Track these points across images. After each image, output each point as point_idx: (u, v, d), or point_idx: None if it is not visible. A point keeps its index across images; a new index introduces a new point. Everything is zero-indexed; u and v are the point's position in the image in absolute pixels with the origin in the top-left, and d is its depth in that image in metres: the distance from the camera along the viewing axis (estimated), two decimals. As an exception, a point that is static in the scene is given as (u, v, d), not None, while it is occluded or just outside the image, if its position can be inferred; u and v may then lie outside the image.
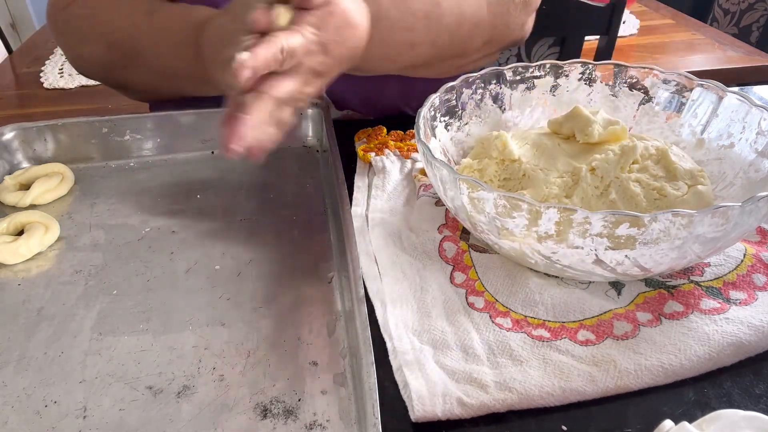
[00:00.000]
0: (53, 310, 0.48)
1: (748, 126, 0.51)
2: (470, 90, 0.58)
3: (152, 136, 0.68)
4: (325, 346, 0.44)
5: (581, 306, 0.45)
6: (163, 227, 0.57)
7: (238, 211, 0.59)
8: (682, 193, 0.47)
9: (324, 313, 0.47)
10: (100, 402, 0.40)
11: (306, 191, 0.62)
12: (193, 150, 0.68)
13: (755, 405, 0.39)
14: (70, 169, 0.64)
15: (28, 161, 0.66)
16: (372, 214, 0.57)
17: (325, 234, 0.55)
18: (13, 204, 0.60)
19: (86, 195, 0.62)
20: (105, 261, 0.53)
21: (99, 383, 0.42)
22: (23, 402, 0.41)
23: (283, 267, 0.51)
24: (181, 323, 0.46)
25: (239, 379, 0.41)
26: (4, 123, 0.66)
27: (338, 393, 0.40)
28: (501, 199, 0.41)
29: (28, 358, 0.44)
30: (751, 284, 0.45)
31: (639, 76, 0.58)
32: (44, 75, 1.35)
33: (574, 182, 0.49)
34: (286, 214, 0.58)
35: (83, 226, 0.58)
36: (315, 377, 0.41)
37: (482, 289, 0.47)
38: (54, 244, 0.55)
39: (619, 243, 0.40)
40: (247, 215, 0.58)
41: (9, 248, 0.53)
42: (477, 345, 0.42)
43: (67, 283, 0.51)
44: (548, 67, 0.59)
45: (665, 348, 0.41)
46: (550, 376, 0.40)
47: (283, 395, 0.40)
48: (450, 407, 0.38)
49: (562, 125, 0.53)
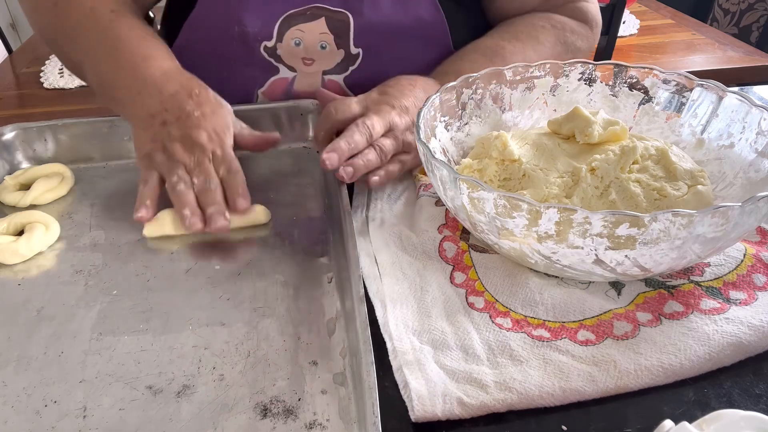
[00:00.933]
0: (53, 310, 0.48)
1: (748, 126, 0.51)
2: (470, 90, 0.58)
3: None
4: (325, 346, 0.44)
5: (581, 306, 0.45)
6: (163, 227, 0.57)
7: None
8: (682, 194, 0.47)
9: (324, 313, 0.47)
10: (100, 402, 0.40)
11: (306, 191, 0.62)
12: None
13: (755, 405, 0.39)
14: (70, 170, 0.64)
15: (28, 161, 0.66)
16: (372, 214, 0.57)
17: (325, 234, 0.55)
18: (13, 204, 0.60)
19: (86, 195, 0.62)
20: (105, 261, 0.53)
21: (99, 383, 0.42)
22: (23, 402, 0.41)
23: (283, 268, 0.51)
24: (181, 323, 0.46)
25: (239, 378, 0.41)
26: (4, 123, 0.66)
27: (338, 392, 0.40)
28: (501, 199, 0.41)
29: (28, 357, 0.44)
30: (751, 284, 0.45)
31: (639, 76, 0.58)
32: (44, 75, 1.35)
33: (574, 182, 0.49)
34: (286, 214, 0.58)
35: (83, 226, 0.58)
36: (315, 377, 0.41)
37: (482, 289, 0.47)
38: (54, 244, 0.55)
39: (619, 243, 0.40)
40: None
41: (9, 248, 0.53)
42: (477, 345, 0.42)
43: (67, 283, 0.51)
44: (548, 67, 0.59)
45: (665, 348, 0.41)
46: (550, 376, 0.40)
47: (282, 395, 0.40)
48: (450, 407, 0.38)
49: (562, 125, 0.53)
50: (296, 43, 0.71)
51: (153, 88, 0.58)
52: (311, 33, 0.70)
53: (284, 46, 0.71)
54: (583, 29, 0.75)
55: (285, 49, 0.72)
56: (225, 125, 0.58)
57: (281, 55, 0.72)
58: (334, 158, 0.54)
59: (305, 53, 0.72)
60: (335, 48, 0.71)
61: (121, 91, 0.61)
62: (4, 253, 0.53)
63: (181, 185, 0.54)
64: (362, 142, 0.56)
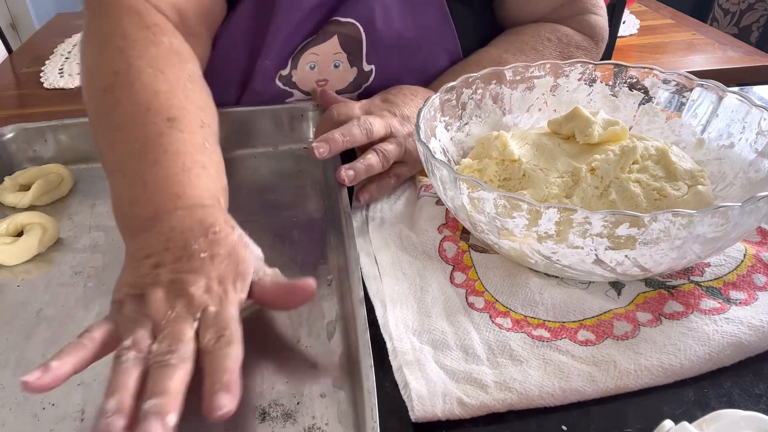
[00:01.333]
0: (52, 312, 0.48)
1: (748, 126, 0.51)
2: (470, 90, 0.58)
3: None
4: (325, 349, 0.44)
5: (581, 306, 0.45)
6: (163, 228, 0.57)
7: (238, 212, 0.58)
8: (682, 194, 0.47)
9: (323, 316, 0.46)
10: (98, 404, 0.40)
11: (306, 192, 0.62)
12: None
13: (755, 405, 0.38)
14: (70, 170, 0.64)
15: (28, 162, 0.66)
16: (372, 214, 0.57)
17: (325, 236, 0.55)
18: (13, 205, 0.60)
19: (86, 196, 0.62)
20: (104, 262, 0.53)
21: (97, 386, 0.41)
22: (21, 404, 0.40)
23: (283, 269, 0.51)
24: None
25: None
26: (4, 123, 0.66)
27: (337, 396, 0.40)
28: (501, 199, 0.41)
29: (26, 360, 0.44)
30: (751, 284, 0.45)
31: (639, 76, 0.58)
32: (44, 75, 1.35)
33: (574, 182, 0.49)
34: (286, 215, 0.58)
35: (83, 228, 0.58)
36: (314, 380, 0.41)
37: (482, 289, 0.47)
38: (53, 246, 0.55)
39: (619, 243, 0.40)
40: (247, 216, 0.57)
41: (8, 249, 0.53)
42: (477, 345, 0.42)
43: (67, 285, 0.51)
44: (548, 67, 0.59)
45: (665, 348, 0.41)
46: (550, 376, 0.40)
47: (281, 398, 0.40)
48: (450, 407, 0.38)
49: (562, 126, 0.53)
50: (311, 67, 0.70)
51: (165, 224, 0.43)
52: (325, 54, 0.70)
53: (299, 72, 0.71)
54: (588, 44, 0.75)
55: (300, 75, 0.71)
56: (239, 273, 0.41)
57: (296, 81, 0.71)
58: (324, 148, 0.54)
59: (319, 75, 0.71)
60: (348, 66, 0.71)
61: (131, 212, 0.46)
62: (4, 255, 0.53)
63: (127, 355, 0.36)
64: (359, 137, 0.56)
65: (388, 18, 0.69)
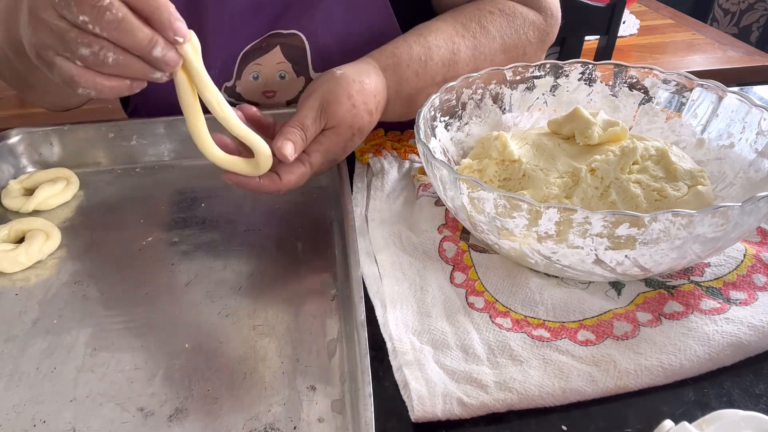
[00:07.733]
0: (48, 323, 0.47)
1: (748, 126, 0.51)
2: (470, 90, 0.58)
3: (159, 141, 0.67)
4: (325, 370, 0.42)
5: (581, 306, 0.45)
6: (165, 237, 0.56)
7: (242, 222, 0.58)
8: (683, 194, 0.47)
9: (325, 333, 0.45)
10: (90, 423, 0.39)
11: (312, 202, 0.61)
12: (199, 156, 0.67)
13: (755, 405, 0.39)
14: (75, 174, 0.63)
15: (33, 165, 0.66)
16: (372, 214, 0.57)
17: (330, 248, 0.54)
18: (17, 209, 0.59)
19: (91, 201, 0.62)
20: (104, 272, 0.52)
21: (90, 403, 0.40)
22: (12, 420, 0.40)
23: (285, 282, 0.50)
24: (177, 340, 0.45)
25: (233, 403, 0.40)
26: (4, 123, 0.65)
27: (335, 421, 0.39)
28: (501, 199, 0.41)
29: (20, 373, 0.43)
30: (751, 284, 0.45)
31: (639, 76, 0.58)
32: (44, 76, 1.35)
33: (574, 183, 0.49)
34: (290, 226, 0.57)
35: (85, 234, 0.57)
36: (312, 403, 0.40)
37: (482, 289, 0.47)
38: (54, 252, 0.54)
39: (619, 243, 0.40)
40: (251, 226, 0.57)
41: (8, 256, 0.52)
42: (477, 345, 0.42)
43: (65, 294, 0.50)
44: (548, 67, 0.59)
45: (665, 348, 0.41)
46: (550, 376, 0.40)
47: (277, 422, 0.39)
48: (450, 407, 0.38)
49: (562, 126, 0.53)
50: (254, 77, 0.70)
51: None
52: (268, 65, 0.69)
53: (243, 83, 0.70)
54: (535, 17, 0.70)
55: (244, 86, 0.71)
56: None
57: (241, 92, 0.71)
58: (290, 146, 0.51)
59: (265, 86, 0.71)
60: (295, 76, 0.70)
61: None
62: (3, 262, 0.52)
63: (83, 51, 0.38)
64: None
65: (331, 24, 0.68)
